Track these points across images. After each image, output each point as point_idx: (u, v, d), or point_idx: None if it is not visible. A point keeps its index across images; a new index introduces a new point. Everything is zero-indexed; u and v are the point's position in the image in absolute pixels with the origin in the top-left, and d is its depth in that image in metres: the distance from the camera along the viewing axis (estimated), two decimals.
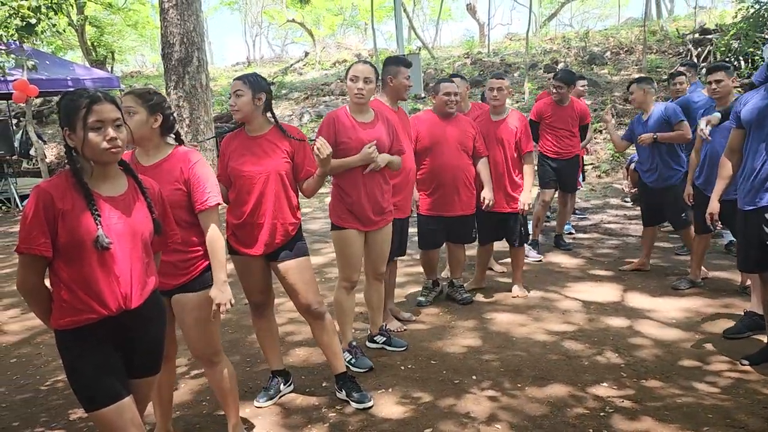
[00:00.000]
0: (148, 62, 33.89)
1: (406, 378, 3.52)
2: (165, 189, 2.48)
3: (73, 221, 1.96)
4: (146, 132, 2.54)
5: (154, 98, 2.56)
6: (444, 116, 4.44)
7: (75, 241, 1.96)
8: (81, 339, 2.02)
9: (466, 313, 4.53)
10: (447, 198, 4.43)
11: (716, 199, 3.71)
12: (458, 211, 4.46)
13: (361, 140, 3.42)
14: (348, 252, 3.56)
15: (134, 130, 2.47)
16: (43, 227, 1.93)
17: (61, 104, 2.04)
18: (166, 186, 2.49)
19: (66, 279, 1.99)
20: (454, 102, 4.39)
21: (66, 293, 1.99)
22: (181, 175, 2.54)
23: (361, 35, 35.23)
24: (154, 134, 2.57)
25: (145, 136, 2.55)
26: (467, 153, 4.44)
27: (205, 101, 6.67)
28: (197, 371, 3.75)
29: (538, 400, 3.18)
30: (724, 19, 15.89)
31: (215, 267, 2.55)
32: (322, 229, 7.70)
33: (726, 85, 4.37)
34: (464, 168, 4.41)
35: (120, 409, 2.02)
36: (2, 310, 5.27)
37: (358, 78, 3.42)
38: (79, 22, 18.71)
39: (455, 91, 4.39)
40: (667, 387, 3.24)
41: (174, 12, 6.53)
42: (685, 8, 34.03)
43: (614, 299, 4.67)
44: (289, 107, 16.09)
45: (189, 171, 2.55)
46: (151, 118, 2.53)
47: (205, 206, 2.55)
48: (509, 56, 17.71)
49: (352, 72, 3.45)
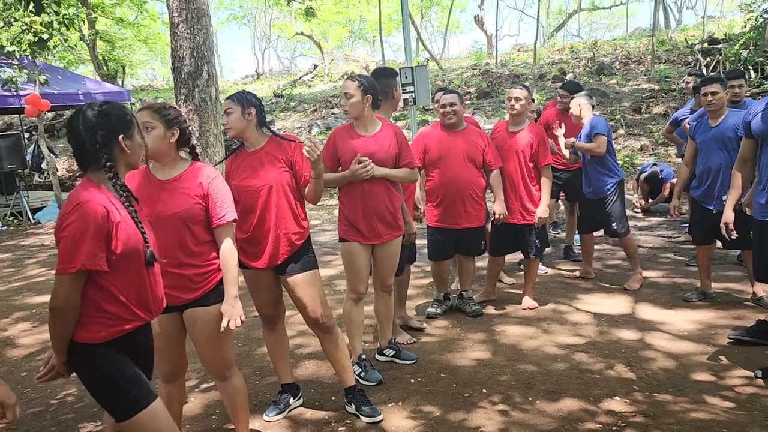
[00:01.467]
0: (159, 76, 34.27)
1: (416, 391, 3.50)
2: (184, 203, 2.51)
3: (126, 232, 2.03)
4: (164, 146, 2.55)
5: (170, 112, 2.58)
6: (450, 128, 4.45)
7: (130, 252, 2.04)
8: (115, 348, 2.08)
9: (476, 326, 4.51)
10: (453, 210, 4.42)
11: (731, 209, 3.71)
12: (464, 223, 4.45)
13: (353, 151, 3.44)
14: (353, 264, 3.56)
15: (152, 145, 2.51)
16: (101, 242, 1.97)
17: (109, 116, 2.09)
18: (185, 200, 2.52)
19: (116, 291, 2.04)
20: (452, 113, 4.39)
21: (113, 305, 2.04)
22: (201, 189, 2.56)
23: (369, 47, 35.44)
24: (171, 149, 2.59)
25: (162, 150, 2.56)
26: (476, 165, 4.43)
27: (214, 114, 6.70)
28: (207, 385, 3.75)
29: (549, 414, 3.15)
30: (732, 29, 15.87)
31: (227, 282, 2.56)
32: (331, 241, 7.71)
33: (721, 97, 4.39)
34: (472, 181, 4.40)
35: (161, 403, 2.14)
36: (14, 323, 5.30)
37: (342, 95, 3.49)
38: (90, 37, 18.92)
39: (452, 101, 4.39)
40: (680, 401, 3.20)
41: (184, 26, 6.58)
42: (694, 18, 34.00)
43: (625, 311, 4.63)
44: (299, 119, 16.18)
45: (208, 186, 2.57)
46: (168, 132, 2.55)
47: (222, 222, 2.57)
48: (517, 67, 17.74)
49: (341, 89, 3.51)
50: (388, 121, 3.67)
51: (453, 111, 4.38)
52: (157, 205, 2.51)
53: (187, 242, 2.53)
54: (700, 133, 4.54)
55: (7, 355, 4.53)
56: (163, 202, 2.52)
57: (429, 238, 4.64)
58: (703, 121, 4.55)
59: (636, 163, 9.98)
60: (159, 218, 2.49)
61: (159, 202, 2.52)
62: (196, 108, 6.53)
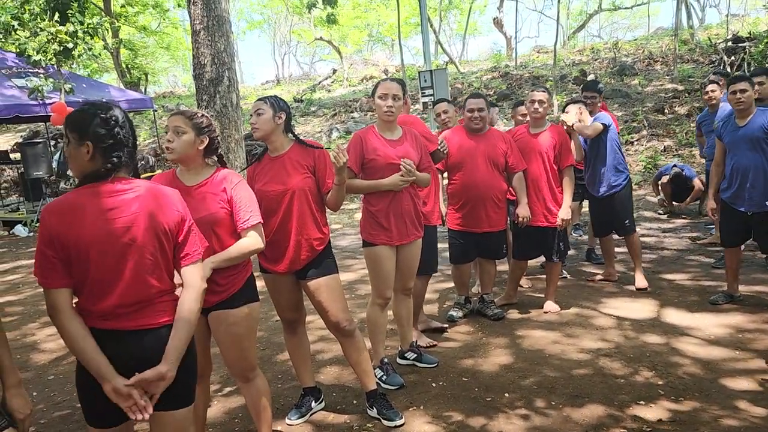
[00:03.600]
0: (180, 83, 34.66)
1: (438, 395, 3.49)
2: (210, 207, 2.56)
3: None
4: (192, 152, 2.60)
5: (202, 121, 2.63)
6: (473, 132, 4.43)
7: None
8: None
9: (498, 329, 4.47)
10: (474, 213, 4.40)
11: None
12: (486, 227, 4.43)
13: (390, 156, 3.42)
14: (380, 269, 3.54)
15: (180, 149, 2.57)
16: None
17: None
18: (210, 205, 2.57)
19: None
20: (479, 118, 4.38)
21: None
22: (225, 194, 2.60)
23: (388, 51, 35.48)
24: (198, 155, 2.63)
25: (190, 156, 2.61)
26: (498, 169, 4.40)
27: (235, 120, 6.77)
28: (230, 388, 3.78)
29: (573, 420, 3.11)
30: (757, 27, 15.59)
31: (217, 254, 2.56)
32: (352, 245, 7.72)
33: (750, 95, 4.30)
34: (494, 184, 4.37)
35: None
36: (40, 327, 5.39)
37: (387, 95, 3.43)
38: (114, 46, 19.25)
39: (479, 107, 4.38)
40: (708, 407, 3.14)
41: (205, 33, 6.66)
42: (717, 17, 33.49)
43: (650, 315, 4.56)
44: (319, 124, 16.25)
45: (232, 191, 2.61)
46: (198, 139, 2.60)
47: (247, 225, 2.60)
48: (537, 69, 17.61)
49: (381, 89, 3.46)
50: (406, 126, 3.68)
51: (480, 117, 4.38)
52: None
53: (213, 246, 2.56)
54: (727, 134, 4.47)
55: (34, 360, 4.60)
56: (190, 208, 2.54)
57: (450, 241, 4.62)
58: (730, 120, 4.48)
59: (659, 164, 9.84)
60: None
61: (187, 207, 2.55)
62: (218, 114, 6.60)
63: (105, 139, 1.97)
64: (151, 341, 1.99)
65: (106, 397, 1.95)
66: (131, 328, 1.97)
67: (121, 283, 1.95)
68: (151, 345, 1.98)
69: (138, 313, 1.98)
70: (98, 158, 1.97)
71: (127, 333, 1.97)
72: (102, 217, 1.92)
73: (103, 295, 1.94)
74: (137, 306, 1.98)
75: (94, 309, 1.95)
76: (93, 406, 2.02)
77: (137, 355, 1.97)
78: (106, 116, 1.98)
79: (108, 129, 1.98)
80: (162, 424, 2.08)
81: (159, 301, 2.03)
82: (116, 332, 1.96)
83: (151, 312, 2.00)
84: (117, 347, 1.95)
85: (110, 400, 1.94)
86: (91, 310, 1.96)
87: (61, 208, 1.93)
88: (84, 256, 1.91)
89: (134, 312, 1.97)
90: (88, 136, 1.96)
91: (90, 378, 1.96)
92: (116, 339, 1.96)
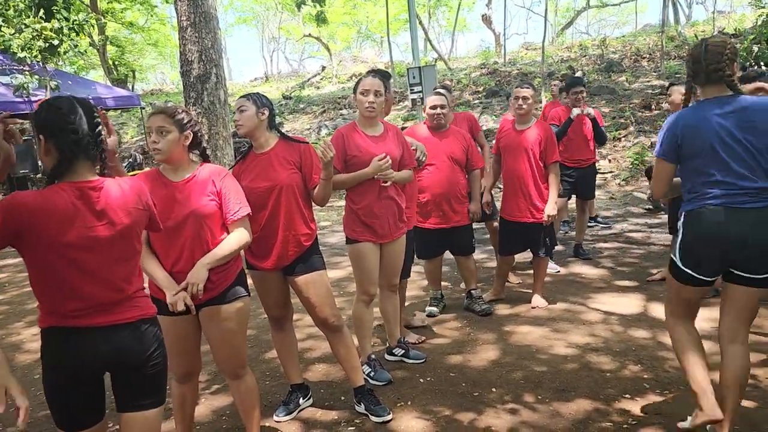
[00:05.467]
0: (168, 80, 34.47)
1: (426, 391, 3.49)
2: (200, 201, 2.54)
3: None
4: (178, 150, 2.59)
5: (183, 117, 2.60)
6: (436, 129, 4.44)
7: None
8: None
9: (486, 325, 4.49)
10: (440, 210, 4.43)
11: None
12: (452, 222, 4.47)
13: (372, 153, 3.41)
14: (364, 266, 3.54)
15: (166, 149, 2.55)
16: None
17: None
18: (200, 198, 2.55)
19: None
20: (442, 115, 4.39)
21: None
22: (213, 186, 2.60)
23: (377, 48, 35.46)
24: (184, 151, 2.62)
25: (177, 154, 2.59)
26: (459, 165, 4.46)
27: (223, 117, 6.74)
28: (217, 386, 3.76)
29: (560, 414, 3.13)
30: (743, 24, 15.71)
31: (214, 251, 2.55)
32: (340, 243, 7.71)
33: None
34: (457, 181, 4.44)
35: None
36: (26, 327, 5.35)
37: (369, 91, 3.42)
38: (100, 42, 19.09)
39: (441, 103, 4.39)
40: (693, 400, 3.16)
41: (192, 30, 6.61)
42: (704, 13, 33.72)
43: (637, 310, 4.59)
44: (307, 121, 16.21)
45: (221, 183, 2.61)
46: (182, 135, 2.58)
47: (237, 217, 2.61)
48: (526, 66, 17.67)
49: (362, 86, 3.45)
50: (387, 122, 3.68)
51: (443, 113, 4.40)
52: (174, 207, 2.54)
53: (205, 240, 2.55)
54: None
55: (18, 359, 4.56)
56: (179, 203, 2.55)
57: (417, 238, 4.63)
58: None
59: (647, 159, 9.91)
60: (176, 219, 2.52)
61: (175, 203, 2.55)
62: (205, 111, 6.56)
63: (56, 133, 1.92)
64: (124, 335, 1.98)
65: (77, 399, 1.95)
66: (102, 325, 1.95)
67: (90, 284, 1.93)
68: (124, 339, 1.98)
69: (108, 310, 1.97)
70: (54, 154, 1.93)
71: (98, 329, 1.95)
72: (66, 217, 1.89)
73: (73, 295, 1.92)
74: (107, 305, 1.96)
75: (61, 309, 1.93)
76: (64, 409, 2.00)
77: (109, 350, 1.96)
78: (59, 111, 1.94)
79: (58, 124, 1.93)
80: (131, 424, 2.07)
81: (129, 299, 2.02)
82: (87, 329, 1.94)
83: (120, 309, 1.99)
84: (88, 344, 1.94)
85: (81, 401, 1.95)
86: (59, 311, 1.93)
87: (33, 205, 1.87)
88: (52, 257, 1.88)
89: (104, 310, 1.96)
90: (45, 131, 1.93)
91: (59, 381, 1.95)
92: (87, 336, 1.94)
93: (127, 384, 2.04)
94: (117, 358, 1.98)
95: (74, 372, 1.96)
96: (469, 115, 5.31)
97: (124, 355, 1.98)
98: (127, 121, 18.07)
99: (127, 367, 2.01)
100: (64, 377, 1.96)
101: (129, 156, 13.81)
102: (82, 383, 1.99)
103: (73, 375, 1.96)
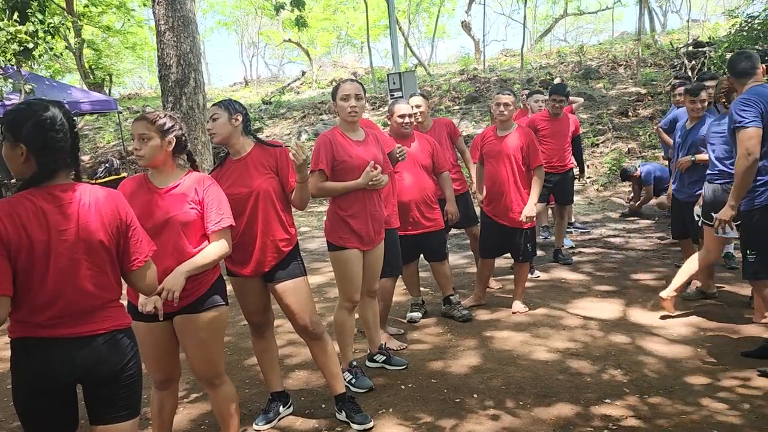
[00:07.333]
0: (146, 84, 34.09)
1: (407, 398, 3.48)
2: (181, 208, 2.52)
3: None
4: (161, 156, 2.57)
5: (165, 122, 2.58)
6: (401, 137, 4.41)
7: None
8: None
9: (467, 331, 4.49)
10: (410, 216, 4.40)
11: None
12: (422, 228, 4.45)
13: (360, 158, 3.40)
14: (349, 272, 3.50)
15: (150, 156, 2.53)
16: None
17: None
18: (181, 206, 2.53)
19: None
20: (409, 124, 4.39)
21: None
22: (196, 195, 2.57)
23: (357, 53, 35.46)
24: (168, 157, 2.60)
25: (160, 159, 2.58)
26: (427, 171, 4.45)
27: (202, 122, 6.66)
28: (196, 395, 3.71)
29: (541, 419, 3.13)
30: (717, 32, 16.01)
31: (191, 259, 2.52)
32: (320, 249, 7.67)
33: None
34: (425, 186, 4.42)
35: None
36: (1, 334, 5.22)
37: (350, 96, 3.40)
38: (76, 46, 18.80)
39: (409, 112, 4.39)
40: (672, 403, 3.20)
41: (170, 34, 6.53)
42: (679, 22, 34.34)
43: (617, 315, 4.63)
44: (287, 126, 16.13)
45: (204, 192, 2.58)
46: (164, 141, 2.56)
47: (218, 227, 2.58)
48: (505, 72, 17.80)
49: (342, 91, 3.43)
50: (364, 124, 3.67)
51: (410, 122, 4.40)
52: (155, 212, 2.52)
53: (182, 248, 2.52)
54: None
55: None
56: (161, 209, 2.53)
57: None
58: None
59: (624, 166, 10.03)
60: (156, 224, 2.49)
61: (157, 208, 2.53)
62: (184, 116, 6.49)
63: (39, 142, 1.88)
64: (98, 346, 1.94)
65: (48, 412, 1.91)
66: (74, 335, 1.91)
67: (64, 292, 1.89)
68: (97, 350, 1.94)
69: (80, 320, 1.92)
70: (32, 162, 1.89)
71: (71, 340, 1.91)
72: (43, 224, 1.85)
73: (45, 304, 1.87)
74: (80, 314, 1.92)
75: (34, 319, 1.88)
76: (36, 422, 1.94)
77: (82, 361, 1.91)
78: (42, 118, 1.89)
79: (42, 132, 1.89)
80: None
81: (102, 308, 1.97)
82: (59, 340, 1.89)
83: (93, 319, 1.95)
84: (60, 355, 1.89)
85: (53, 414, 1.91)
86: (31, 321, 1.88)
87: (8, 212, 1.83)
88: (29, 265, 1.84)
89: (76, 320, 1.92)
90: (21, 138, 1.88)
91: (29, 394, 1.90)
92: (59, 346, 1.90)
93: (100, 396, 2.00)
94: (90, 369, 1.93)
95: (45, 384, 1.90)
96: (448, 121, 5.32)
97: (97, 367, 1.94)
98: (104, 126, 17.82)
99: (101, 379, 1.97)
100: (34, 389, 1.91)
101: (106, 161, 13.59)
102: (53, 395, 1.93)
103: (44, 387, 1.91)
